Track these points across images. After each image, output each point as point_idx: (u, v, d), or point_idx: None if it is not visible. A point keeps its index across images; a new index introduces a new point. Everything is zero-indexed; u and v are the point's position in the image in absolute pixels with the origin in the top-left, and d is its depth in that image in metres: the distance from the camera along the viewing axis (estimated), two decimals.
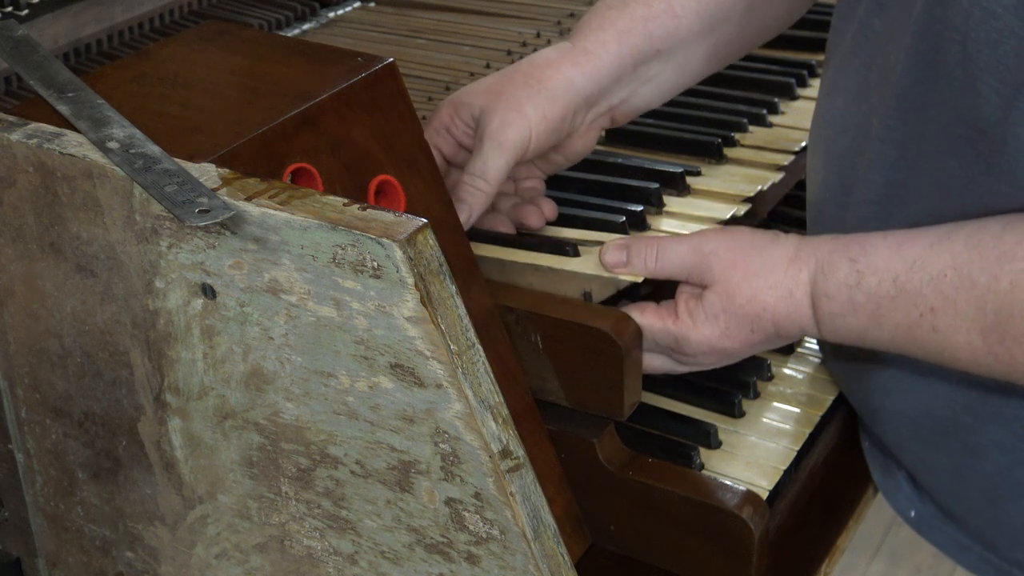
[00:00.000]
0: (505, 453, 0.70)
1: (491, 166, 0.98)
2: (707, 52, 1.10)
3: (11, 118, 0.80)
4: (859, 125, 0.91)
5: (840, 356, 0.98)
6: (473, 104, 1.02)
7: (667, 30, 1.06)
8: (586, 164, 1.19)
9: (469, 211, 0.97)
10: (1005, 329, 0.80)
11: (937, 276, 0.83)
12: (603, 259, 0.94)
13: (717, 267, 0.91)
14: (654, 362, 0.95)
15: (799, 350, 1.06)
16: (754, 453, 0.95)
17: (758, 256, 0.91)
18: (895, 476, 0.98)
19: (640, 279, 0.93)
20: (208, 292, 0.74)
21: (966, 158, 0.83)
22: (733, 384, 1.00)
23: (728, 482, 0.88)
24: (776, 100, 1.30)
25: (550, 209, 1.06)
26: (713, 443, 0.95)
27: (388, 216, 0.69)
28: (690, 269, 0.92)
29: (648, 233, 1.04)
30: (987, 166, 0.82)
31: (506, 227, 1.02)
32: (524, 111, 1.00)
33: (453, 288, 0.69)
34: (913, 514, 0.97)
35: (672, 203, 1.08)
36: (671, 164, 1.17)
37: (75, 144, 0.77)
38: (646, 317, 0.92)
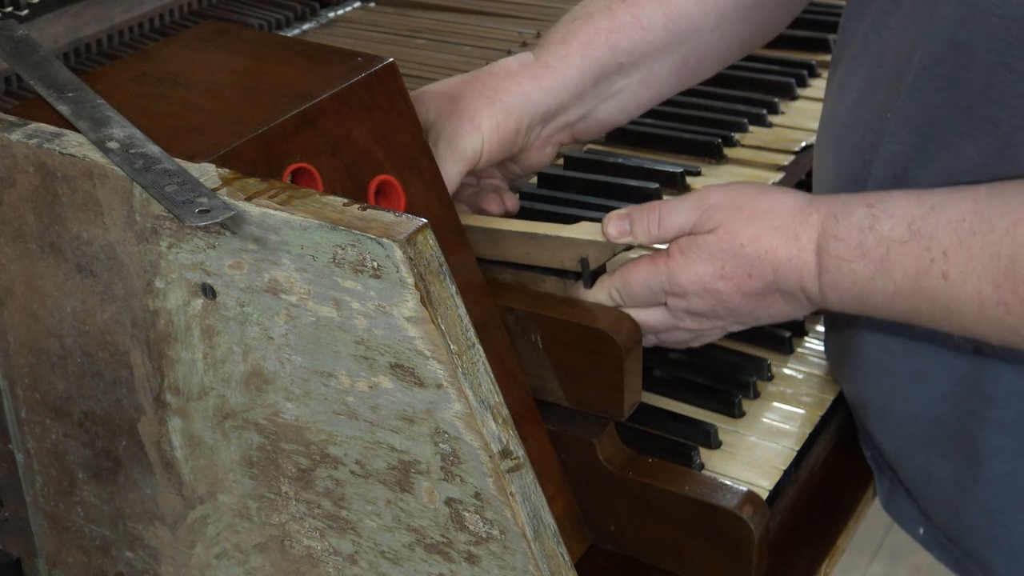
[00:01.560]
0: (505, 453, 0.70)
1: (444, 173, 0.97)
2: (674, 67, 1.08)
3: (11, 118, 0.80)
4: (869, 121, 0.91)
5: (844, 358, 0.97)
6: (429, 106, 1.01)
7: (632, 43, 1.05)
8: (586, 164, 1.19)
9: None
10: (1020, 277, 0.78)
11: (955, 220, 0.81)
12: (606, 231, 0.93)
13: (720, 214, 0.89)
14: (650, 318, 0.93)
15: (799, 350, 1.06)
16: (754, 453, 0.95)
17: (765, 200, 0.89)
18: (895, 498, 0.98)
19: (647, 244, 0.93)
20: (208, 292, 0.74)
21: (984, 140, 0.82)
22: (733, 384, 1.00)
23: (728, 482, 0.88)
24: (776, 100, 1.30)
25: (512, 200, 1.06)
26: (713, 443, 0.95)
27: (388, 216, 0.69)
28: (693, 224, 0.90)
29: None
30: (1003, 147, 0.81)
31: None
32: (477, 121, 1.00)
33: (453, 288, 0.69)
34: (922, 531, 0.97)
35: None
36: (671, 164, 1.17)
37: (75, 144, 0.77)
38: (638, 266, 0.91)
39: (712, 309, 0.91)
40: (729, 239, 0.88)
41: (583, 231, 0.95)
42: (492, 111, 1.01)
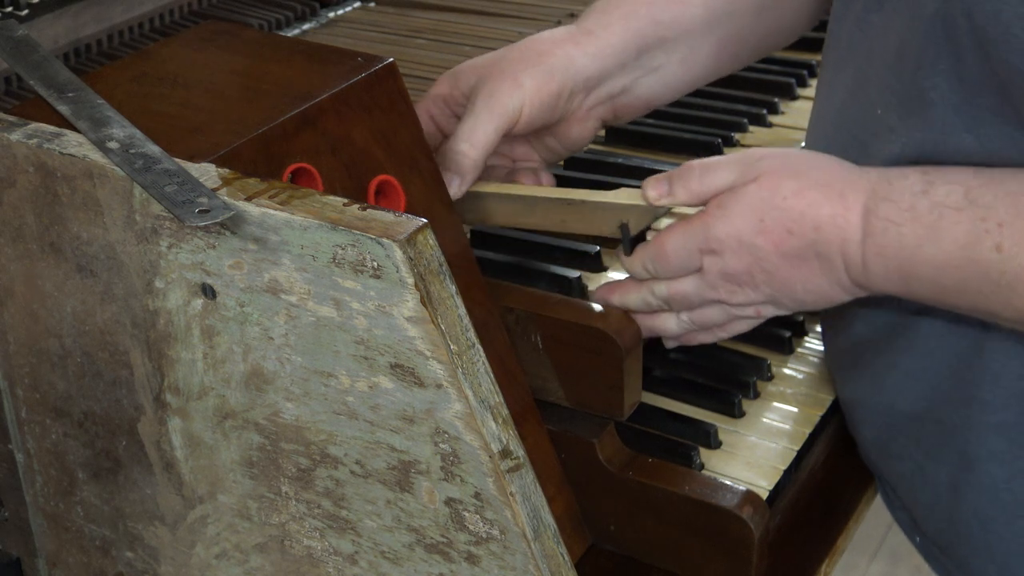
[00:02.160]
0: (505, 453, 0.70)
1: (479, 131, 0.96)
2: (715, 47, 1.07)
3: (11, 118, 0.80)
4: (858, 119, 0.90)
5: (843, 356, 0.97)
6: (470, 75, 1.00)
7: (672, 16, 1.04)
8: (586, 164, 1.19)
9: (459, 181, 0.94)
10: None
11: (1015, 192, 0.79)
12: (646, 194, 0.91)
13: (765, 165, 0.86)
14: (683, 286, 0.90)
15: (799, 350, 1.06)
16: (754, 453, 0.95)
17: (812, 158, 0.87)
18: (895, 508, 0.98)
19: (688, 204, 0.89)
20: (208, 292, 0.74)
21: (985, 132, 0.81)
22: (733, 384, 1.00)
23: (728, 482, 0.88)
24: (776, 100, 1.30)
25: (547, 178, 1.04)
26: (713, 443, 0.95)
27: (388, 216, 0.69)
28: (736, 178, 0.87)
29: (648, 233, 1.04)
30: (1007, 136, 0.80)
31: None
32: (519, 80, 0.98)
33: (453, 288, 0.69)
34: (918, 540, 0.97)
35: None
36: (671, 164, 1.17)
37: (75, 144, 0.77)
38: (672, 230, 0.88)
39: (748, 270, 0.87)
40: (771, 190, 0.85)
41: (622, 196, 0.93)
42: (534, 72, 0.99)
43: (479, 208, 1.00)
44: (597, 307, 0.91)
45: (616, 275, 1.01)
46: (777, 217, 0.85)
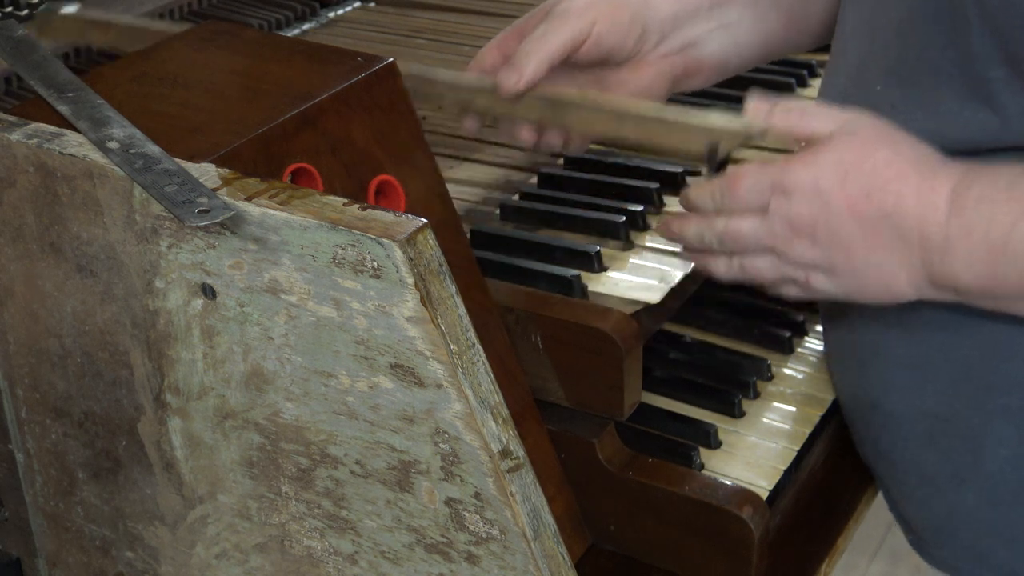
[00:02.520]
0: (505, 453, 0.70)
1: (548, 35, 0.97)
2: (783, 18, 1.06)
3: (11, 118, 0.80)
4: (860, 101, 0.90)
5: (842, 349, 0.97)
6: (545, 7, 1.01)
7: None
8: (586, 164, 1.19)
9: (517, 77, 0.96)
10: None
11: None
12: (747, 105, 0.88)
13: (864, 126, 0.84)
14: (742, 226, 0.86)
15: (799, 350, 1.06)
16: (754, 453, 0.95)
17: (907, 137, 0.84)
18: (891, 505, 0.98)
19: (781, 133, 0.87)
20: (208, 292, 0.74)
21: (999, 101, 0.81)
22: (733, 384, 1.01)
23: (728, 482, 0.88)
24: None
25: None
26: (713, 443, 0.95)
27: (388, 216, 0.69)
28: (834, 127, 0.85)
29: (646, 233, 1.04)
30: (1020, 108, 0.80)
31: None
32: (593, 2, 0.99)
33: (453, 288, 0.69)
34: (911, 538, 0.97)
35: (672, 203, 1.09)
36: (671, 164, 1.17)
37: (75, 144, 0.77)
38: (751, 166, 0.86)
39: (812, 222, 0.83)
40: (863, 151, 0.83)
41: (716, 119, 0.92)
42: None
43: (567, 117, 0.99)
44: (597, 307, 0.91)
45: (616, 275, 1.01)
46: (861, 179, 0.82)
